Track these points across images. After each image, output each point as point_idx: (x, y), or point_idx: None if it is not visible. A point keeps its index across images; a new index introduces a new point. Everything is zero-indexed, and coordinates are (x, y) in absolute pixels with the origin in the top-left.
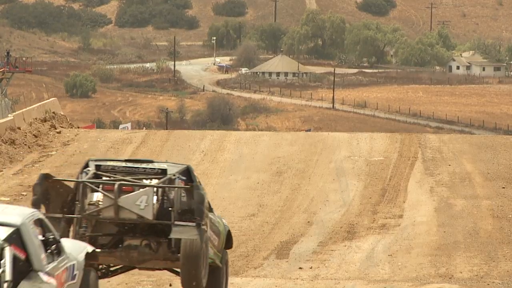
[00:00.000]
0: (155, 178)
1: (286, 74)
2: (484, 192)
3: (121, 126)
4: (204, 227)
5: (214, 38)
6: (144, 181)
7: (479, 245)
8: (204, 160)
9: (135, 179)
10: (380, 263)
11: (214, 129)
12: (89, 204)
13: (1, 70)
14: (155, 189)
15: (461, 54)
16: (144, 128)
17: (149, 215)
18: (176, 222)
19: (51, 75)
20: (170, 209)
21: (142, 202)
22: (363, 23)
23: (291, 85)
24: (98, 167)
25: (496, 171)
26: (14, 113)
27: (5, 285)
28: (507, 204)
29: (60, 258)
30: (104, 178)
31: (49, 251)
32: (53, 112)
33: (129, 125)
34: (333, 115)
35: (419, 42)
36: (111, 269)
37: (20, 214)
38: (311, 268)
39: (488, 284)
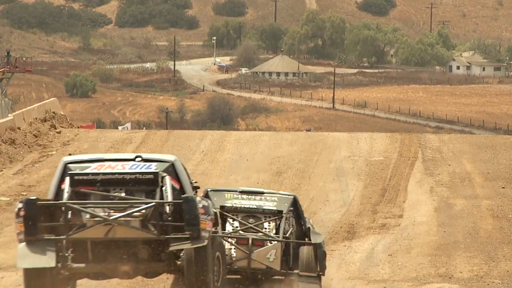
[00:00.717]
0: (273, 220)
1: (286, 74)
2: (484, 192)
3: (120, 127)
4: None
5: (214, 38)
6: (266, 224)
7: (479, 245)
8: (204, 160)
9: (257, 222)
10: (380, 263)
11: (214, 129)
12: None
13: (1, 70)
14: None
15: (461, 54)
16: (144, 128)
17: (277, 267)
18: (301, 273)
19: (51, 75)
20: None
21: (272, 255)
22: (363, 23)
23: (291, 85)
24: (222, 208)
25: (496, 171)
26: (14, 113)
27: (167, 207)
28: (507, 204)
29: None
30: (229, 219)
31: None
32: (53, 112)
33: (128, 125)
34: (333, 115)
35: (419, 42)
36: None
37: (171, 156)
38: None
39: (488, 284)
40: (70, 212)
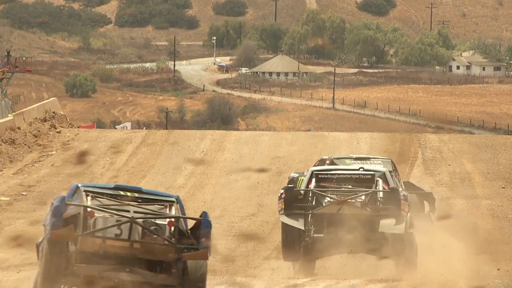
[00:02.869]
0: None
1: (286, 74)
2: (484, 192)
3: (118, 126)
4: None
5: (214, 38)
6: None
7: (479, 245)
8: (204, 160)
9: None
10: (380, 263)
11: (214, 129)
12: None
13: (1, 70)
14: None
15: (461, 54)
16: (144, 128)
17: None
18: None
19: (51, 75)
20: None
21: None
22: (363, 23)
23: (291, 85)
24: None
25: (496, 171)
26: (14, 113)
27: (379, 195)
28: (507, 204)
29: None
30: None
31: None
32: (53, 112)
33: (128, 124)
34: (333, 115)
35: (419, 42)
36: None
37: (383, 168)
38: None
39: (488, 284)
40: (314, 196)
